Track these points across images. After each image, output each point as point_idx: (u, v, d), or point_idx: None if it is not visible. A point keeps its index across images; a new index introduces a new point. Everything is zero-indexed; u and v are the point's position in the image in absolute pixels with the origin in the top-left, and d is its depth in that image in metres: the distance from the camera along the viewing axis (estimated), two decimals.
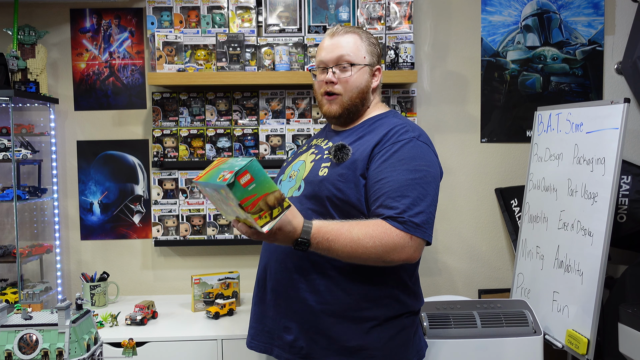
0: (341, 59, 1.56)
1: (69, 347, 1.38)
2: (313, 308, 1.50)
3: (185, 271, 2.62)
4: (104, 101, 2.61)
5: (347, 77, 1.57)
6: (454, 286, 2.69)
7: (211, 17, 2.49)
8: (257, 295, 1.63)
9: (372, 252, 1.37)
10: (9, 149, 2.30)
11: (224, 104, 2.55)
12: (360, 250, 1.37)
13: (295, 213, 1.35)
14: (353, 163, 1.49)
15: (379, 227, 1.38)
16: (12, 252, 2.35)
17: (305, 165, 1.59)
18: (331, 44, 1.58)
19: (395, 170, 1.44)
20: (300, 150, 1.74)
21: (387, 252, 1.38)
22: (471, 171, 2.68)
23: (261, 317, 1.60)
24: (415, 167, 1.44)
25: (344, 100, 1.58)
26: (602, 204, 1.96)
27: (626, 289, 2.27)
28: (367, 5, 2.48)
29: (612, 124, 1.98)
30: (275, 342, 1.55)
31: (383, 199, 1.41)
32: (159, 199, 2.52)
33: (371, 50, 1.62)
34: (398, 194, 1.40)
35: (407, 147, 1.47)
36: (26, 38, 2.39)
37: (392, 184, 1.42)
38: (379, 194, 1.43)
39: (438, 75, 2.65)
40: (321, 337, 1.49)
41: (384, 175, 1.44)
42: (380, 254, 1.38)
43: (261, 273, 1.62)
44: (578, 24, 2.64)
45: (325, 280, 1.49)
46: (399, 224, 1.38)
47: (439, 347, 1.94)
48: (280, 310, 1.54)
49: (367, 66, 1.60)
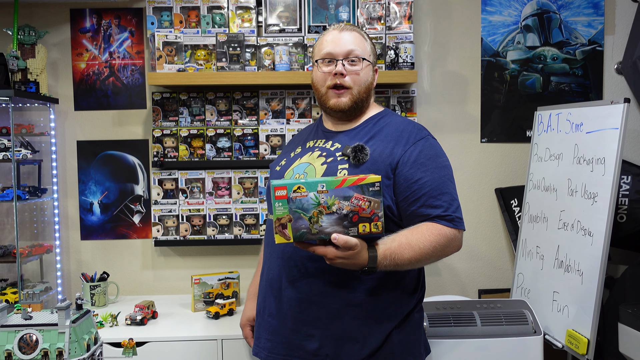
0: (352, 53, 1.56)
1: (69, 347, 1.38)
2: (339, 312, 1.48)
3: (185, 271, 2.62)
4: (104, 101, 2.61)
5: (357, 70, 1.57)
6: (454, 286, 2.69)
7: (211, 17, 2.49)
8: (269, 307, 1.56)
9: (432, 255, 1.44)
10: (9, 149, 2.30)
11: (224, 104, 2.55)
12: (423, 258, 1.43)
13: (363, 247, 1.37)
14: (374, 164, 1.49)
15: (432, 230, 1.44)
16: (12, 252, 2.35)
17: (315, 168, 1.55)
18: (340, 38, 1.57)
19: (427, 169, 1.49)
20: (294, 153, 1.68)
21: (444, 251, 1.46)
22: (471, 171, 2.68)
23: (278, 329, 1.53)
24: (441, 164, 1.52)
25: (353, 93, 1.57)
26: (602, 204, 1.96)
27: (626, 289, 2.27)
28: (367, 5, 2.48)
29: (612, 124, 1.98)
30: (295, 353, 1.51)
31: (425, 199, 1.47)
32: (159, 199, 2.52)
33: (372, 50, 1.64)
34: (438, 193, 1.47)
35: (427, 145, 1.53)
36: (26, 38, 2.39)
37: (430, 184, 1.47)
38: (419, 194, 1.47)
39: (438, 75, 2.65)
40: (346, 341, 1.48)
41: (419, 175, 1.48)
42: (439, 254, 1.46)
43: (275, 283, 1.55)
44: (578, 24, 2.64)
45: (351, 281, 1.48)
46: (448, 222, 1.46)
47: (439, 347, 1.93)
48: (302, 318, 1.50)
49: (371, 64, 1.61)
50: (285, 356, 1.52)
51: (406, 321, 1.55)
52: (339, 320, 1.48)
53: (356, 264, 1.36)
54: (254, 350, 1.61)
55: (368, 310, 1.49)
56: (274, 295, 1.55)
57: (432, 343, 1.92)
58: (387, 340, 1.50)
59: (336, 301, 1.48)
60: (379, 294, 1.50)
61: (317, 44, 1.63)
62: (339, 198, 1.31)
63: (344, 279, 1.48)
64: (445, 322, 1.99)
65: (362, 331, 1.48)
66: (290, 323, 1.51)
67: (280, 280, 1.54)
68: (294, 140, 1.82)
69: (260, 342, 1.58)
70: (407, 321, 1.55)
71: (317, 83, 1.62)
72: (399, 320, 1.53)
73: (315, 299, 1.49)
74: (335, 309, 1.48)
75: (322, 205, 1.30)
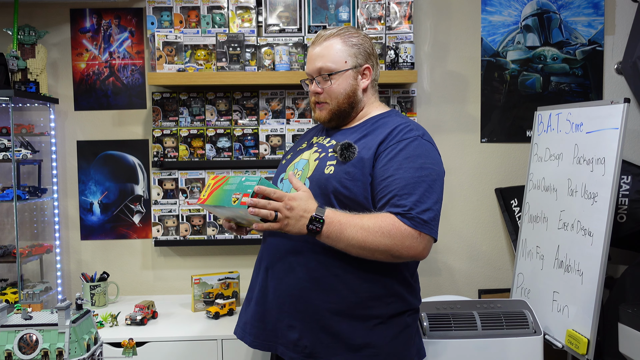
0: (321, 70, 1.60)
1: (69, 347, 1.38)
2: (319, 307, 1.50)
3: (185, 271, 2.62)
4: (104, 101, 2.61)
5: (329, 87, 1.60)
6: (454, 286, 2.69)
7: (211, 17, 2.49)
8: (256, 296, 1.62)
9: (381, 243, 1.39)
10: (9, 149, 2.30)
11: (224, 104, 2.55)
12: (369, 240, 1.39)
13: (310, 195, 1.42)
14: (360, 161, 1.50)
15: (388, 219, 1.40)
16: (12, 252, 2.35)
17: (309, 164, 1.59)
18: (312, 55, 1.63)
19: (401, 168, 1.45)
20: (300, 148, 1.73)
21: (396, 245, 1.40)
22: (471, 171, 2.68)
23: (262, 317, 1.59)
24: (421, 165, 1.46)
25: (331, 107, 1.62)
26: (602, 204, 1.96)
27: (626, 289, 2.27)
28: (367, 5, 2.48)
29: (612, 124, 1.98)
30: (279, 340, 1.56)
31: (390, 197, 1.44)
32: (159, 199, 2.52)
33: (354, 52, 1.60)
34: (405, 192, 1.42)
35: (412, 145, 1.49)
36: (26, 38, 2.39)
37: (399, 182, 1.44)
38: (386, 191, 1.45)
39: (438, 75, 2.65)
40: (326, 335, 1.50)
41: (390, 173, 1.46)
42: (389, 246, 1.40)
43: (262, 274, 1.61)
44: (578, 24, 2.64)
45: (332, 279, 1.50)
46: (407, 220, 1.40)
47: (439, 347, 1.93)
48: (284, 309, 1.54)
49: (350, 70, 1.59)
50: (270, 342, 1.57)
51: (394, 324, 1.53)
52: (319, 315, 1.50)
53: (302, 216, 1.39)
54: (239, 334, 1.66)
55: (347, 307, 1.50)
56: (261, 285, 1.61)
57: (432, 343, 1.93)
58: (371, 340, 1.50)
59: (318, 297, 1.50)
60: (359, 293, 1.50)
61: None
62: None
63: (326, 274, 1.50)
64: (445, 322, 1.99)
65: (342, 327, 1.49)
66: (274, 312, 1.56)
67: (267, 272, 1.59)
68: (304, 135, 1.85)
69: (246, 327, 1.64)
70: (396, 323, 1.54)
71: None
72: (385, 320, 1.52)
73: (297, 292, 1.52)
74: (315, 304, 1.50)
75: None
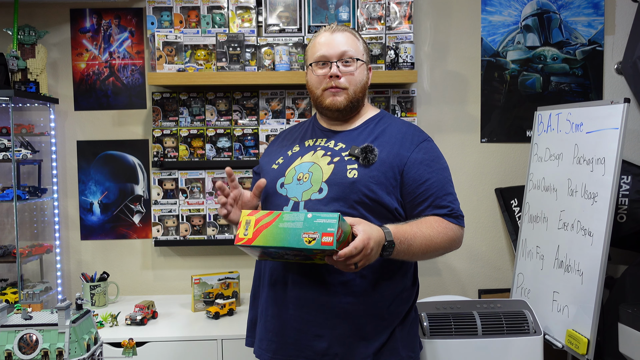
0: (345, 54, 1.56)
1: (69, 347, 1.38)
2: (348, 311, 1.48)
3: (185, 271, 2.62)
4: (104, 101, 2.61)
5: (352, 71, 1.57)
6: (454, 286, 2.69)
7: (211, 17, 2.49)
8: (272, 309, 1.55)
9: (441, 247, 1.49)
10: (9, 149, 2.30)
11: (224, 104, 2.55)
12: (432, 247, 1.47)
13: (368, 223, 1.37)
14: (382, 165, 1.50)
15: (440, 223, 1.50)
16: (12, 252, 2.35)
17: (321, 167, 1.53)
18: (332, 39, 1.57)
19: (433, 171, 1.54)
20: (292, 152, 1.64)
21: (451, 245, 1.52)
22: (471, 171, 2.68)
23: (281, 330, 1.52)
24: (442, 165, 1.58)
25: (349, 93, 1.57)
26: (602, 204, 1.96)
27: (626, 289, 2.27)
28: (367, 5, 2.48)
29: (612, 124, 1.98)
30: (302, 354, 1.50)
31: (432, 200, 1.52)
32: (159, 199, 2.52)
33: (366, 49, 1.63)
34: (443, 193, 1.53)
35: (429, 147, 1.58)
36: (26, 38, 2.39)
37: (436, 185, 1.53)
38: (426, 195, 1.52)
39: (438, 75, 2.65)
40: (355, 339, 1.49)
41: (426, 177, 1.52)
42: (446, 247, 1.51)
43: (280, 284, 1.53)
44: (578, 24, 2.64)
45: (361, 280, 1.49)
46: (454, 219, 1.52)
47: (439, 347, 1.93)
48: (309, 319, 1.49)
49: (365, 63, 1.61)
50: (292, 357, 1.51)
51: (407, 318, 1.58)
52: (347, 320, 1.49)
53: (378, 244, 1.35)
54: (257, 352, 1.59)
55: (374, 308, 1.50)
56: (278, 297, 1.54)
57: (432, 343, 1.93)
58: (391, 336, 1.53)
59: (347, 301, 1.48)
60: (384, 293, 1.52)
61: (310, 47, 1.63)
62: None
63: (349, 278, 1.48)
64: (445, 322, 1.99)
65: (369, 329, 1.50)
66: (296, 324, 1.50)
67: (286, 282, 1.53)
68: (285, 137, 1.76)
69: (263, 344, 1.57)
70: (408, 317, 1.58)
71: (312, 86, 1.62)
72: (402, 317, 1.56)
73: (322, 299, 1.49)
74: (342, 308, 1.48)
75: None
